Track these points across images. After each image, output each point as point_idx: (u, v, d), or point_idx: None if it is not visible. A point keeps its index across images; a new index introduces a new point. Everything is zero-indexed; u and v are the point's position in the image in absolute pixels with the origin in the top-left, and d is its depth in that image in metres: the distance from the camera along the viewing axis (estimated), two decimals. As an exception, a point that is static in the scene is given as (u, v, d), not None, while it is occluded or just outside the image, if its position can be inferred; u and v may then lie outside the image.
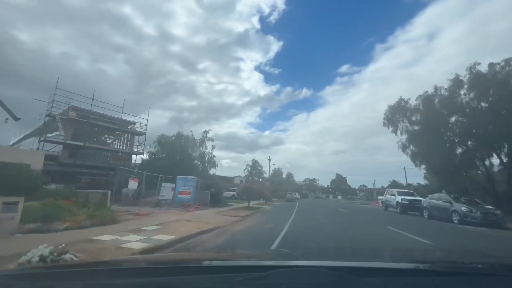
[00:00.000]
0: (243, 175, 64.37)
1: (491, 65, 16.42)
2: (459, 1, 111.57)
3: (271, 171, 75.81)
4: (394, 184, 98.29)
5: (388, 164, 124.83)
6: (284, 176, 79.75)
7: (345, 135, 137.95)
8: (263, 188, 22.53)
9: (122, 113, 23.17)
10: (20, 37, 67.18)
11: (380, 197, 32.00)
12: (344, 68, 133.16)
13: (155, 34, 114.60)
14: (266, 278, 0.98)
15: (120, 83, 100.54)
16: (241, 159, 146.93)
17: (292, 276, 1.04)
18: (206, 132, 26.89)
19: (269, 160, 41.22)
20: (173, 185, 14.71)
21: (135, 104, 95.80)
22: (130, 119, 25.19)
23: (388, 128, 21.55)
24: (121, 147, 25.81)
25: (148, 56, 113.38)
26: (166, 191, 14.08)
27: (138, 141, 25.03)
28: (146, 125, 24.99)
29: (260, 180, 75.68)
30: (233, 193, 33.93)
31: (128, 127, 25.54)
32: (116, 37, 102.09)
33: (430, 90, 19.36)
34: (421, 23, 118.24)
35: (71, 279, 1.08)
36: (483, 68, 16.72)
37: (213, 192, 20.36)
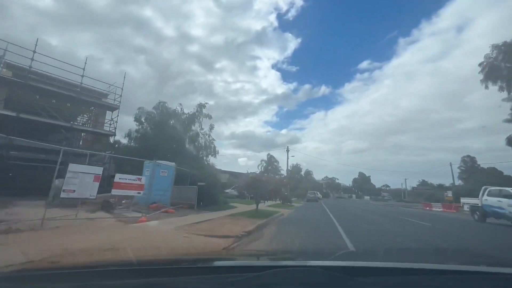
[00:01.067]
0: (258, 172, 57.69)
1: None
2: None
3: (289, 167, 68.49)
4: (424, 184, 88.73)
5: (411, 163, 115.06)
6: (302, 173, 71.24)
7: (365, 133, 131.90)
8: (279, 184, 14.89)
9: (82, 76, 16.63)
10: (51, 42, 70.28)
11: (466, 200, 22.59)
12: (364, 64, 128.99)
13: (175, 35, 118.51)
14: (260, 279, 0.99)
15: (142, 85, 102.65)
16: (257, 157, 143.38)
17: (287, 276, 1.05)
18: (201, 106, 19.55)
19: (287, 151, 33.79)
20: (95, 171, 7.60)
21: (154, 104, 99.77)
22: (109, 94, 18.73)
23: (487, 85, 13.11)
24: (90, 126, 19.38)
25: (167, 56, 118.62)
26: (80, 180, 7.01)
27: (112, 118, 18.49)
28: (121, 96, 18.39)
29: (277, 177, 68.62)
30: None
31: (102, 100, 19.14)
32: (137, 39, 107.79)
33: None
34: (449, 15, 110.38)
35: (66, 281, 1.08)
36: None
37: (205, 188, 13.29)
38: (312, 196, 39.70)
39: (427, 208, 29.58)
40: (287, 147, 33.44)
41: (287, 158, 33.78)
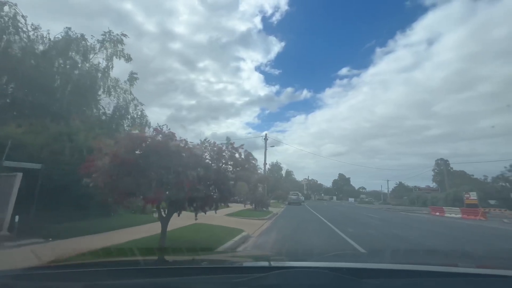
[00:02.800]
0: None
1: None
2: (459, 7, 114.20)
3: (267, 167, 60.89)
4: (401, 186, 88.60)
5: (385, 167, 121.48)
6: (283, 172, 64.01)
7: (343, 138, 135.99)
8: (247, 175, 6.59)
9: None
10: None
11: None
12: (344, 71, 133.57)
13: (156, 31, 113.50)
14: (265, 279, 0.98)
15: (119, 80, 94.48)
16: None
17: (292, 277, 1.03)
18: (110, 34, 10.87)
19: (265, 139, 26.08)
20: None
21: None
22: None
23: None
24: None
25: (148, 53, 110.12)
26: None
27: None
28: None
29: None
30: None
31: None
32: (116, 33, 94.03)
33: None
34: (421, 28, 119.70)
35: (71, 280, 1.08)
36: None
37: (49, 178, 5.09)
38: (295, 198, 32.50)
39: (437, 213, 23.55)
40: (265, 134, 26.02)
41: (265, 149, 26.27)
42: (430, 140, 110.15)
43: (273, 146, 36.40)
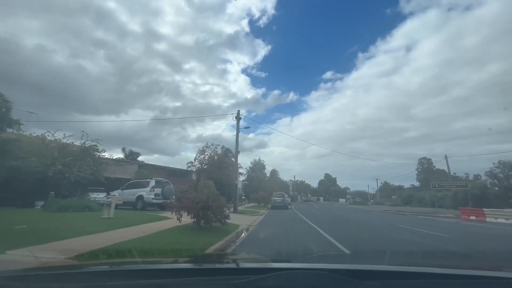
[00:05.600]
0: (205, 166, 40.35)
1: None
2: (434, 16, 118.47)
3: (248, 165, 52.50)
4: (386, 185, 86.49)
5: (367, 168, 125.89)
6: (266, 171, 55.74)
7: (327, 140, 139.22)
8: None
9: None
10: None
11: None
12: (328, 75, 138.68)
13: (141, 31, 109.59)
14: (264, 281, 0.97)
15: (100, 80, 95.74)
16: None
17: (292, 278, 1.02)
18: None
19: (237, 117, 17.82)
20: None
21: (115, 102, 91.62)
22: None
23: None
24: None
25: (131, 53, 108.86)
26: None
27: None
28: None
29: (242, 179, 52.38)
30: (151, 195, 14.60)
31: None
32: (97, 32, 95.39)
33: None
34: (400, 35, 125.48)
35: (69, 281, 1.07)
36: None
37: None
38: (280, 200, 24.87)
39: (472, 217, 16.84)
40: (238, 111, 18.00)
41: (237, 129, 18.10)
42: (408, 141, 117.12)
43: (248, 127, 28.55)
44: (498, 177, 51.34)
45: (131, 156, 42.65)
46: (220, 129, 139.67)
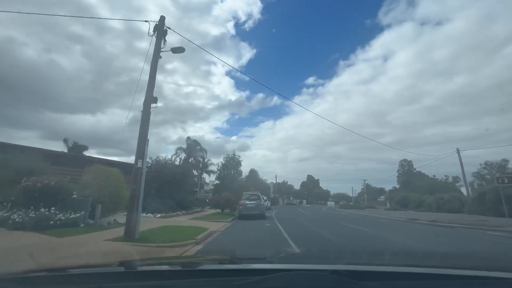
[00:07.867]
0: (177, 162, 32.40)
1: None
2: (409, 29, 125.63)
3: (221, 161, 44.54)
4: (368, 188, 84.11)
5: (345, 171, 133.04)
6: (241, 169, 47.59)
7: (309, 144, 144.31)
8: None
9: None
10: None
11: None
12: (311, 80, 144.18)
13: (122, 28, 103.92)
14: (265, 282, 0.96)
15: (75, 77, 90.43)
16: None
17: (292, 279, 1.00)
18: None
19: (159, 28, 11.45)
20: None
21: (91, 101, 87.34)
22: None
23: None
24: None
25: (111, 50, 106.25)
26: None
27: None
28: None
29: (213, 178, 43.94)
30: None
31: None
32: (74, 27, 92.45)
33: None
34: (378, 45, 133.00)
35: (69, 283, 1.07)
36: None
37: None
38: (252, 204, 17.34)
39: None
40: (161, 17, 11.65)
41: (157, 47, 11.64)
42: (383, 146, 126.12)
43: (180, 49, 21.20)
44: (486, 179, 48.39)
45: (76, 149, 35.05)
46: (202, 131, 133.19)
